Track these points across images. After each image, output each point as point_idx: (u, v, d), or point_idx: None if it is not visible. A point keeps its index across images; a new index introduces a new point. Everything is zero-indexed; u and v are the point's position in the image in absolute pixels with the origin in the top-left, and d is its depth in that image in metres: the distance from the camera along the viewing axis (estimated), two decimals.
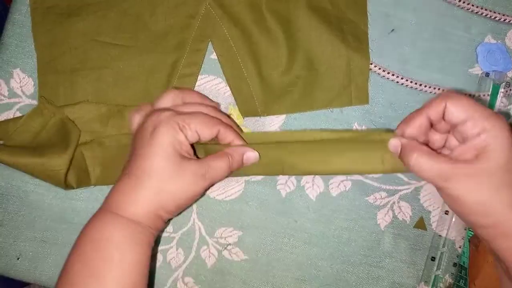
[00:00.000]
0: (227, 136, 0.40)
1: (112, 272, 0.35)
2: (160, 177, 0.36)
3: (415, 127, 0.38)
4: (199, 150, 0.42)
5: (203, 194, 0.40)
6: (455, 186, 0.34)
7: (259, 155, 0.41)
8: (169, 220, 0.42)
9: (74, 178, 0.43)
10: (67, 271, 0.36)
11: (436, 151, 0.37)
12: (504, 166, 0.34)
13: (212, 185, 0.40)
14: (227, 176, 0.40)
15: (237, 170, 0.41)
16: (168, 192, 0.37)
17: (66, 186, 0.43)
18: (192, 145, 0.39)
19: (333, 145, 0.41)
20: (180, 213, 0.44)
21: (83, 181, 0.44)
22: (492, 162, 0.33)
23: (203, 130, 0.38)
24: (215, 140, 0.40)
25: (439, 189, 0.36)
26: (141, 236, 0.37)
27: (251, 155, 0.41)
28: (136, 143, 0.38)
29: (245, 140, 0.41)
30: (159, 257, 0.46)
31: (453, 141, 0.39)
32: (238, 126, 0.45)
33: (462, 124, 0.35)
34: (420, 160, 0.35)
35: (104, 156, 0.44)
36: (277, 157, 0.42)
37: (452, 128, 0.37)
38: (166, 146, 0.36)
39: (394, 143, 0.39)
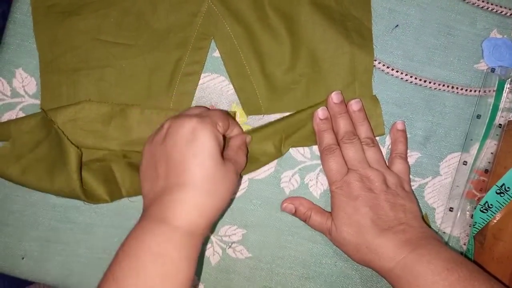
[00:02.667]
0: (234, 125, 0.43)
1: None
2: (213, 181, 0.36)
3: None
4: None
5: None
6: (337, 234, 0.43)
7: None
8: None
9: (107, 192, 0.43)
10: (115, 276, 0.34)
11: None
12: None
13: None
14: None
15: None
16: (220, 196, 0.37)
17: (98, 200, 0.43)
18: None
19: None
20: None
21: (115, 193, 0.44)
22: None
23: (224, 123, 0.39)
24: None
25: (329, 238, 0.45)
26: (192, 244, 0.36)
27: (248, 138, 0.44)
28: (169, 151, 0.37)
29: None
30: None
31: None
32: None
33: None
34: (312, 219, 0.45)
35: (131, 169, 0.44)
36: None
37: None
38: (212, 148, 0.36)
39: (289, 208, 0.46)
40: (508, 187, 0.45)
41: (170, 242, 0.35)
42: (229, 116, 0.43)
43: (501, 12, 0.50)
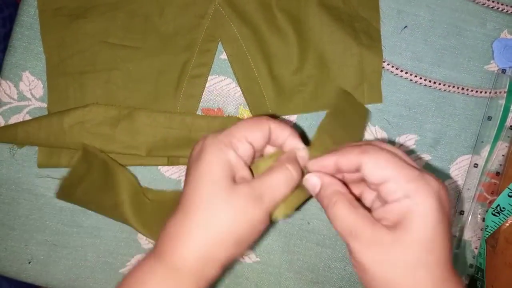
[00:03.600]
0: (280, 132, 0.33)
1: None
2: (208, 209, 0.29)
3: (319, 167, 0.32)
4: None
5: (271, 221, 0.32)
6: (363, 252, 0.28)
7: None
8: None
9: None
10: None
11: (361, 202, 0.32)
12: (425, 243, 0.27)
13: (276, 206, 0.32)
14: (293, 190, 0.32)
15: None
16: (220, 226, 0.29)
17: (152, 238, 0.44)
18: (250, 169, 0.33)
19: None
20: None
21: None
22: (411, 236, 0.27)
23: (253, 133, 0.32)
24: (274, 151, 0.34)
25: (349, 249, 0.30)
26: None
27: (302, 152, 0.33)
28: (186, 173, 0.32)
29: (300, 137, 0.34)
30: None
31: (375, 200, 0.32)
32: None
33: (382, 185, 0.29)
34: (339, 206, 0.30)
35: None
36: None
37: (372, 186, 0.30)
38: (214, 170, 0.30)
39: (313, 182, 0.32)
40: None
41: (154, 276, 0.29)
42: (275, 124, 0.33)
43: None
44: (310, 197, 0.34)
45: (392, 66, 0.48)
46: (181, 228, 0.29)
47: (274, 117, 0.33)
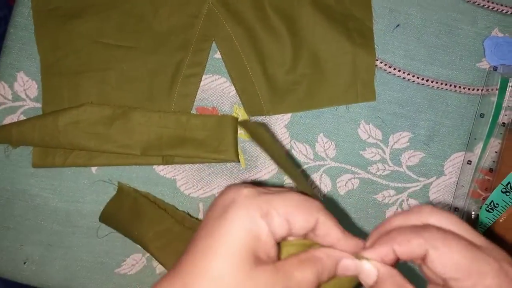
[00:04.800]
0: (330, 231, 0.26)
1: None
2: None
3: (377, 257, 0.26)
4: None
5: None
6: None
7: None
8: None
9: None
10: None
11: None
12: None
13: None
14: None
15: None
16: None
17: None
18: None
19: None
20: None
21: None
22: None
23: (297, 216, 0.25)
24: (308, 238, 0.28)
25: None
26: None
27: (349, 264, 0.26)
28: (200, 227, 0.26)
29: (351, 241, 0.27)
30: None
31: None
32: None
33: (453, 280, 0.24)
34: None
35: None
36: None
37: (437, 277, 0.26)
38: (237, 240, 0.24)
39: (369, 271, 0.26)
40: None
41: None
42: (328, 214, 0.27)
43: (502, 10, 0.49)
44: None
45: (385, 64, 0.48)
46: None
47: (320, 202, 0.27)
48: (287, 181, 0.47)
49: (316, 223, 0.26)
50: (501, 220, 0.46)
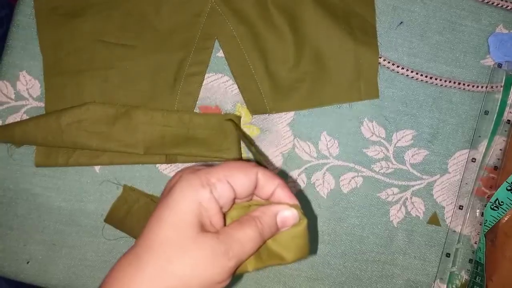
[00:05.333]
0: (269, 181, 0.29)
1: None
2: (164, 254, 0.26)
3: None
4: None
5: (232, 278, 0.28)
6: None
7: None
8: None
9: None
10: None
11: None
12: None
13: (240, 264, 0.29)
14: (258, 248, 0.29)
15: None
16: (175, 276, 0.26)
17: None
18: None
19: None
20: None
21: None
22: None
23: (238, 177, 0.28)
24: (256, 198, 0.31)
25: None
26: None
27: (288, 215, 0.29)
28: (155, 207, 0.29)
29: (290, 191, 0.30)
30: None
31: None
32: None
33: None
34: None
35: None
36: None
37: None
38: (180, 212, 0.27)
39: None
40: None
41: None
42: (265, 169, 0.30)
43: (507, 7, 0.49)
44: None
45: (389, 62, 0.48)
46: (130, 274, 0.26)
47: (261, 165, 0.30)
48: (290, 179, 0.47)
49: (257, 180, 0.29)
50: (506, 218, 0.45)
